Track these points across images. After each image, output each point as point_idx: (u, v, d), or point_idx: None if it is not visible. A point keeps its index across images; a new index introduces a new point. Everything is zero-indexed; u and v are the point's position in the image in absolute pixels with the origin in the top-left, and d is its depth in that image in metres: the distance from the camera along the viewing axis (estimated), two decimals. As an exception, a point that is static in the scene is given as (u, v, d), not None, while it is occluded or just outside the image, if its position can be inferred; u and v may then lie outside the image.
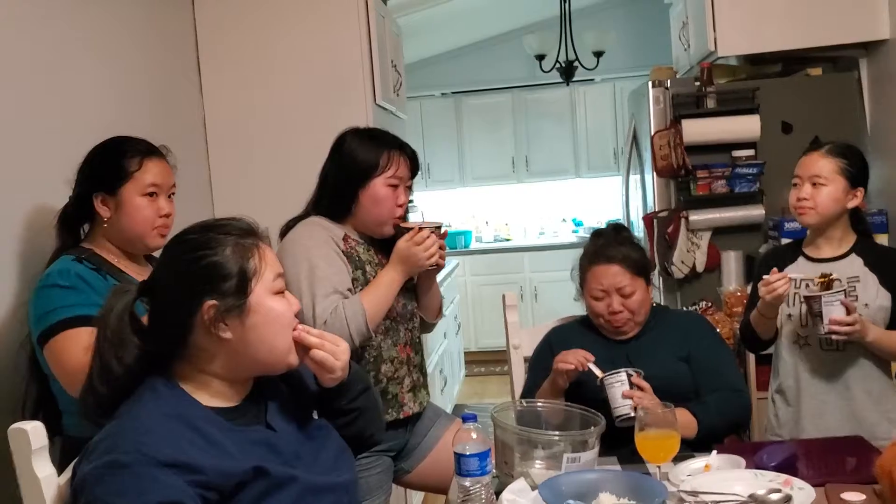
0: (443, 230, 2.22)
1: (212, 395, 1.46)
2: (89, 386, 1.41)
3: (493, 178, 7.70)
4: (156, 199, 2.06)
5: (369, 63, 3.48)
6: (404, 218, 2.32)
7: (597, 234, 2.37)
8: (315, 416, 1.66)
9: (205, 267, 1.42)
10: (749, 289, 3.47)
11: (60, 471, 1.44)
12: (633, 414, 1.97)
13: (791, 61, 3.86)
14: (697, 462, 1.86)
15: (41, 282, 1.93)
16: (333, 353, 1.56)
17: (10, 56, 2.23)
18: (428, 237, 2.17)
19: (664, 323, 2.32)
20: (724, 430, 2.19)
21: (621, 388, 2.05)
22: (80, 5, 2.58)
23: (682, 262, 3.73)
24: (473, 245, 7.61)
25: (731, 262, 3.70)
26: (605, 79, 7.18)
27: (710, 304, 3.65)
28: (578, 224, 7.78)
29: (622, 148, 7.36)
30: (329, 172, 2.33)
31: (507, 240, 7.83)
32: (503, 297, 2.60)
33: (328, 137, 2.38)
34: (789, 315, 2.39)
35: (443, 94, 7.67)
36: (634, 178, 4.51)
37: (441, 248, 2.20)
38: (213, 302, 1.41)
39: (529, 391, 2.32)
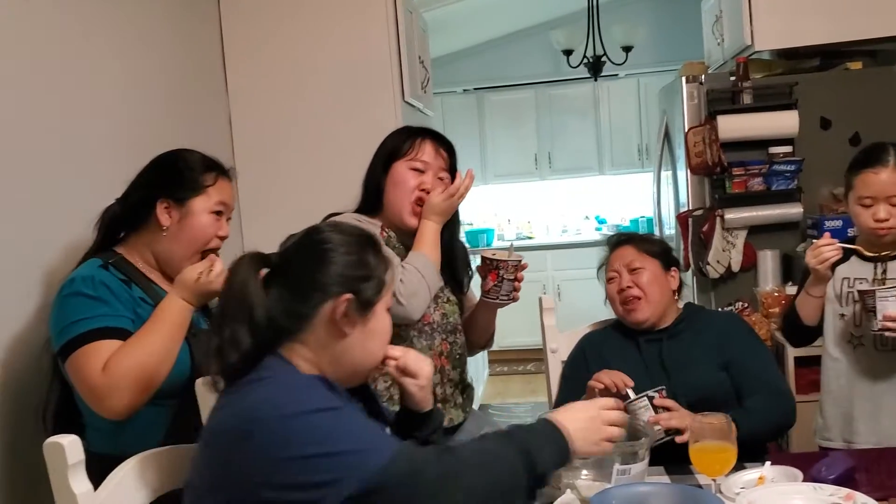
0: (522, 263, 2.17)
1: None
2: (218, 352, 1.39)
3: (516, 175, 7.62)
4: (220, 219, 2.02)
5: (398, 59, 3.42)
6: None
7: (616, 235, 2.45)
8: None
9: (356, 262, 1.45)
10: (787, 288, 3.43)
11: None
12: (664, 436, 1.88)
13: (829, 55, 3.76)
14: (751, 474, 1.78)
15: (65, 288, 1.86)
16: (416, 361, 1.61)
17: (42, 62, 2.19)
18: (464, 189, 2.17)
19: (698, 323, 2.25)
20: (768, 435, 2.13)
21: (647, 414, 1.93)
22: (107, 9, 2.54)
23: (718, 262, 3.64)
24: (495, 243, 7.53)
25: (768, 262, 3.61)
26: (630, 74, 7.07)
27: (745, 305, 3.57)
28: (602, 222, 7.69)
29: (647, 144, 7.32)
30: (369, 167, 2.30)
31: (530, 238, 7.75)
32: (540, 299, 2.52)
33: (356, 136, 2.36)
34: (842, 315, 2.30)
35: (465, 90, 7.59)
36: (665, 175, 4.43)
37: (518, 280, 2.16)
38: (350, 296, 1.42)
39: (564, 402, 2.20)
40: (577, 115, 7.47)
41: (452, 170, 2.26)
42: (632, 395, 1.95)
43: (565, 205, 7.82)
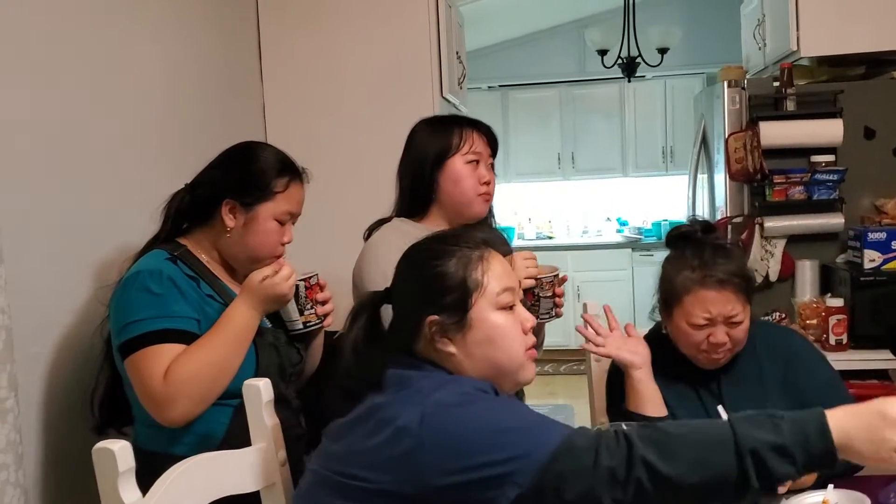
0: (560, 276, 2.09)
1: None
2: (344, 376, 1.40)
3: (538, 174, 7.55)
4: (285, 227, 1.94)
5: (437, 54, 3.36)
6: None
7: (685, 235, 1.99)
8: None
9: (430, 277, 1.40)
10: (827, 300, 3.35)
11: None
12: None
13: (874, 63, 3.67)
14: (813, 497, 1.71)
15: (129, 281, 1.78)
16: None
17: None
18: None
19: (755, 343, 1.97)
20: (845, 475, 1.86)
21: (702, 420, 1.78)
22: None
23: (756, 271, 3.56)
24: (516, 242, 7.45)
25: (807, 272, 3.53)
26: (657, 76, 7.00)
27: (783, 316, 3.49)
28: (623, 224, 7.63)
29: (671, 147, 7.25)
30: (404, 169, 2.22)
31: (550, 237, 7.69)
32: (584, 305, 2.45)
33: (394, 133, 2.29)
34: None
35: (489, 87, 7.52)
36: (701, 179, 4.35)
37: (560, 295, 2.08)
38: (435, 317, 1.37)
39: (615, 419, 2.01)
40: (601, 116, 7.41)
41: (493, 149, 2.23)
42: (722, 412, 1.82)
43: (587, 205, 7.76)
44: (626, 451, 1.19)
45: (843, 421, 1.22)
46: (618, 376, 1.99)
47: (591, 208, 7.76)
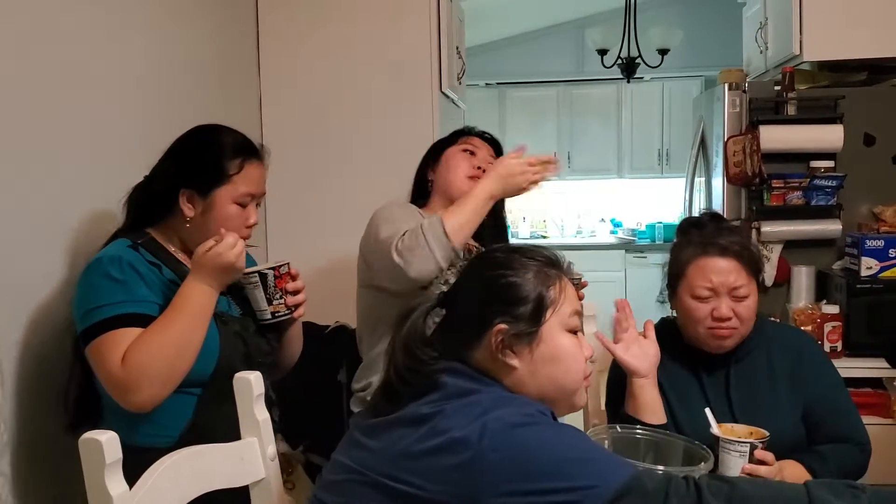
0: (582, 280, 2.06)
1: None
2: (394, 375, 1.35)
3: (534, 173, 7.52)
4: (247, 209, 1.87)
5: (437, 48, 3.33)
6: None
7: (695, 223, 2.01)
8: None
9: (504, 286, 1.36)
10: (822, 306, 3.34)
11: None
12: None
13: (876, 69, 3.66)
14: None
15: (91, 269, 1.74)
16: None
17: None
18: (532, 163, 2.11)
19: (765, 340, 1.96)
20: None
21: (740, 461, 1.70)
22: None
23: (751, 276, 3.54)
24: (510, 241, 7.43)
25: (802, 278, 3.51)
26: (655, 78, 6.98)
27: (777, 321, 3.47)
28: (617, 225, 7.62)
29: (668, 150, 7.24)
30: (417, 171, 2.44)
31: (544, 237, 7.66)
32: (581, 306, 2.43)
33: (392, 127, 2.36)
34: None
35: (487, 84, 7.49)
36: (698, 182, 4.34)
37: (581, 298, 2.05)
38: (504, 326, 1.33)
39: (614, 419, 1.99)
40: (598, 117, 7.39)
41: (496, 151, 2.41)
42: (713, 425, 1.77)
43: (581, 206, 7.74)
44: (695, 498, 1.16)
45: None
46: (619, 377, 1.95)
47: (585, 209, 7.74)
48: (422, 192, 2.37)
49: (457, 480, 1.17)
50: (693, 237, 1.94)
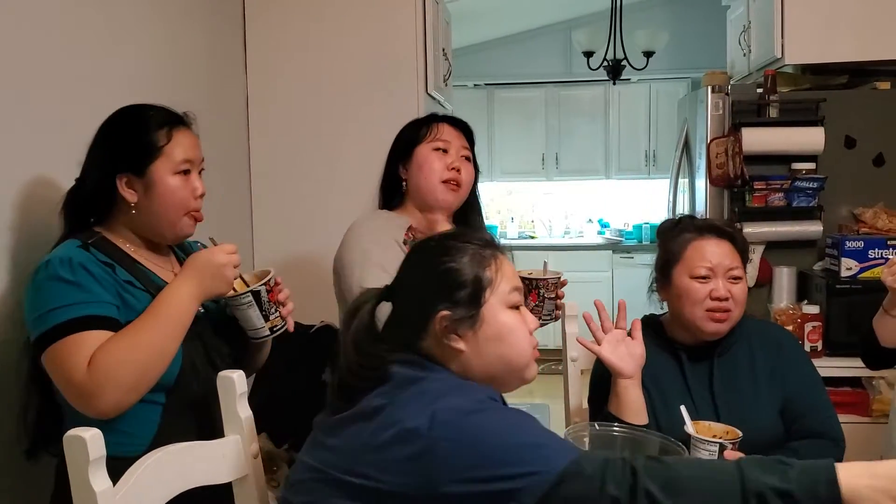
0: (562, 279, 2.09)
1: None
2: (345, 372, 1.37)
3: (522, 173, 7.57)
4: (189, 178, 1.77)
5: (423, 50, 3.35)
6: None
7: (679, 219, 2.10)
8: None
9: (441, 273, 1.40)
10: (803, 307, 3.38)
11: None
12: None
13: (857, 73, 3.70)
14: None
15: (40, 272, 1.64)
16: None
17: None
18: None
19: (746, 335, 2.02)
20: None
21: (710, 459, 1.74)
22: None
23: (733, 276, 3.58)
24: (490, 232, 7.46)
25: (784, 279, 3.55)
26: (642, 80, 7.03)
27: (757, 318, 3.51)
28: (605, 225, 7.66)
29: (654, 151, 7.28)
30: (385, 166, 2.28)
31: (532, 237, 7.70)
32: (563, 305, 2.46)
33: (378, 128, 2.33)
34: None
35: (475, 85, 7.52)
36: (682, 184, 4.37)
37: (559, 297, 2.08)
38: (446, 312, 1.37)
39: (597, 416, 2.02)
40: (586, 118, 7.43)
41: (469, 140, 2.25)
42: (687, 423, 1.81)
43: (569, 206, 7.78)
44: (631, 481, 1.18)
45: (856, 478, 1.17)
46: (603, 375, 1.98)
47: (573, 209, 7.78)
48: (393, 191, 2.26)
49: (412, 471, 1.21)
50: (687, 224, 2.02)
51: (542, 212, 7.81)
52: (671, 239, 2.03)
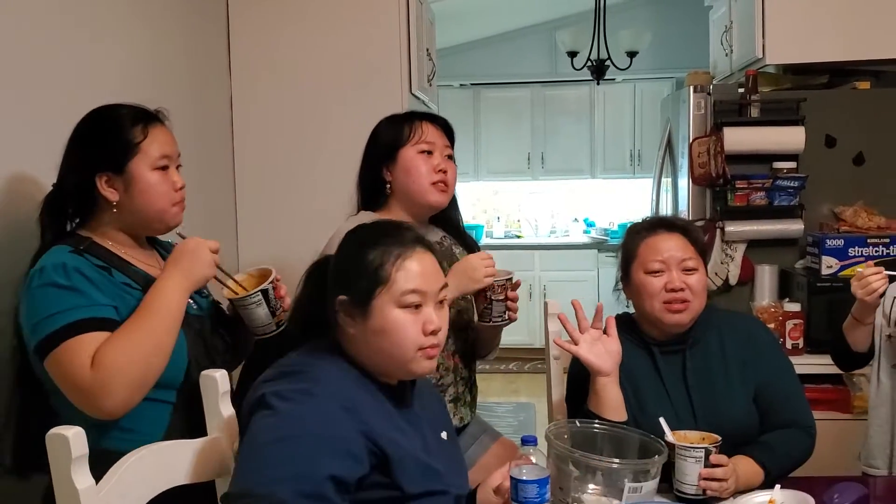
0: (514, 280, 2.09)
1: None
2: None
3: (508, 173, 7.58)
4: (168, 172, 1.80)
5: (407, 50, 3.36)
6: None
7: (646, 218, 2.16)
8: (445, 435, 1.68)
9: (349, 260, 1.52)
10: (784, 304, 3.41)
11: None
12: (703, 497, 1.75)
13: (837, 73, 3.74)
14: (760, 497, 1.74)
15: (34, 279, 1.63)
16: None
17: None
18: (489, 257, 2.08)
19: (719, 327, 2.04)
20: (785, 473, 1.93)
21: (696, 466, 1.74)
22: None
23: (716, 274, 3.61)
24: (484, 241, 7.48)
25: (766, 277, 3.59)
26: (627, 79, 7.05)
27: (727, 310, 3.54)
28: (590, 224, 7.68)
29: (639, 150, 7.31)
30: (363, 163, 2.26)
31: (518, 237, 7.72)
32: (545, 304, 2.48)
33: (362, 129, 2.30)
34: (889, 336, 2.21)
35: (461, 84, 7.53)
36: (665, 183, 4.40)
37: (513, 299, 2.09)
38: (343, 297, 1.49)
39: (575, 413, 2.03)
40: (572, 117, 7.45)
41: (451, 139, 2.26)
42: (664, 425, 1.82)
43: (555, 206, 7.80)
44: None
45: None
46: (580, 373, 2.00)
47: (559, 208, 7.80)
48: (375, 192, 2.22)
49: None
50: (641, 224, 2.10)
51: (528, 211, 7.83)
52: (629, 239, 2.08)
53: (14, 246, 1.86)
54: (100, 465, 1.36)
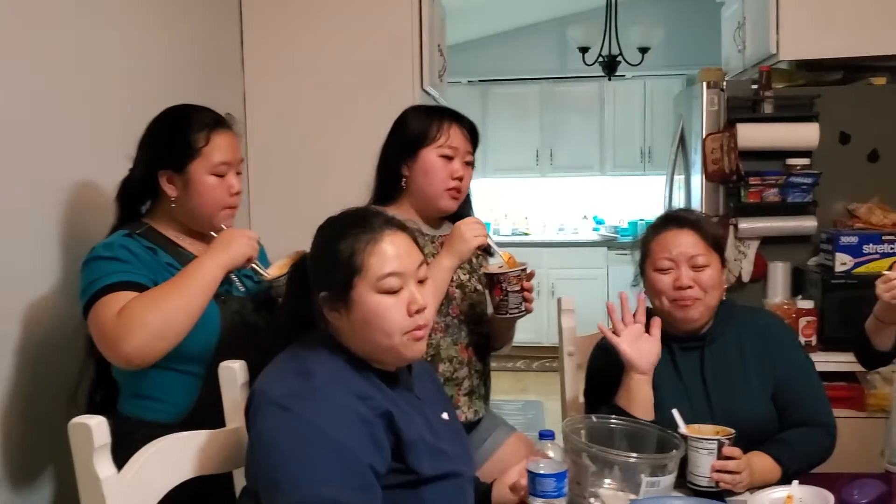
0: (528, 271, 2.07)
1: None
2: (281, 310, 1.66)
3: (516, 170, 7.57)
4: (225, 177, 1.93)
5: (419, 46, 3.36)
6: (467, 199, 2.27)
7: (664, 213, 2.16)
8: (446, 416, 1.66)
9: (324, 255, 1.50)
10: (797, 301, 3.40)
11: (114, 454, 1.32)
12: (716, 489, 1.75)
13: (851, 69, 3.72)
14: (778, 492, 1.74)
15: (87, 256, 1.82)
16: None
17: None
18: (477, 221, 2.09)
19: (738, 323, 2.04)
20: (805, 470, 1.91)
21: (708, 458, 1.74)
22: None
23: (729, 271, 3.60)
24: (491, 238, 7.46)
25: (779, 274, 3.57)
26: (637, 76, 7.04)
27: (746, 305, 3.53)
28: (599, 222, 7.68)
29: (650, 147, 7.30)
30: (383, 152, 2.24)
31: (526, 234, 7.71)
32: (559, 301, 2.48)
33: (374, 124, 2.29)
34: None
35: (469, 81, 7.53)
36: (678, 180, 4.39)
37: (529, 290, 2.07)
38: (325, 292, 1.48)
39: (594, 408, 2.04)
40: (581, 114, 7.44)
41: (474, 146, 2.23)
42: (677, 417, 1.81)
43: (564, 203, 7.79)
44: None
45: None
46: (608, 367, 2.00)
47: (567, 206, 7.79)
48: (391, 187, 2.20)
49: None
50: (657, 220, 2.09)
51: (537, 208, 7.82)
52: (644, 235, 2.09)
53: (89, 233, 2.05)
54: (132, 434, 1.52)
